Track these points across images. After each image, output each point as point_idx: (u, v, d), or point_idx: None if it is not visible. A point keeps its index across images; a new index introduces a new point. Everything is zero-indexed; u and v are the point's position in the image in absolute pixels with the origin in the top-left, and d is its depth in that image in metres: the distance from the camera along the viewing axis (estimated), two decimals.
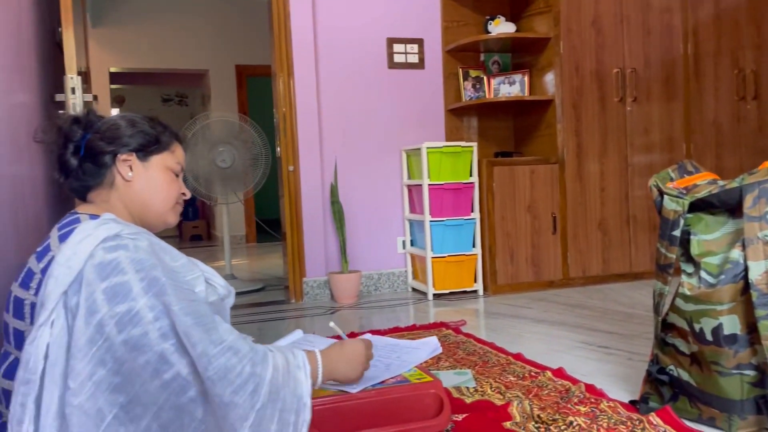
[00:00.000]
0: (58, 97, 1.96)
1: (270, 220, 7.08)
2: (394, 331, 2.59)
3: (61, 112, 1.95)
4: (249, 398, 1.00)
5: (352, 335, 1.51)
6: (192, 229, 8.15)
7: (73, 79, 1.91)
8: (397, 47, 3.69)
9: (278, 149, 3.56)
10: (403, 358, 1.38)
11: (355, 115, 3.62)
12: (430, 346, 1.38)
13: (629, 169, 3.63)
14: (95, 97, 2.10)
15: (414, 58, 3.72)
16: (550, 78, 3.54)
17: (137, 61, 7.00)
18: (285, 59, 3.44)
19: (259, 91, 8.72)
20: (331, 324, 1.44)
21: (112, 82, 7.14)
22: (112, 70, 6.98)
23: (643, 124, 3.65)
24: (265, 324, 2.96)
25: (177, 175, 1.31)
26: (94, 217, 1.13)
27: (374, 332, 2.50)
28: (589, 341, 2.36)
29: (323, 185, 3.54)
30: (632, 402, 1.67)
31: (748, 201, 1.49)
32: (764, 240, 1.45)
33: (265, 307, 3.40)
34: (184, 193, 1.33)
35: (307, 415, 1.07)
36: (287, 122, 3.47)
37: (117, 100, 8.54)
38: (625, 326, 2.57)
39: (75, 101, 1.90)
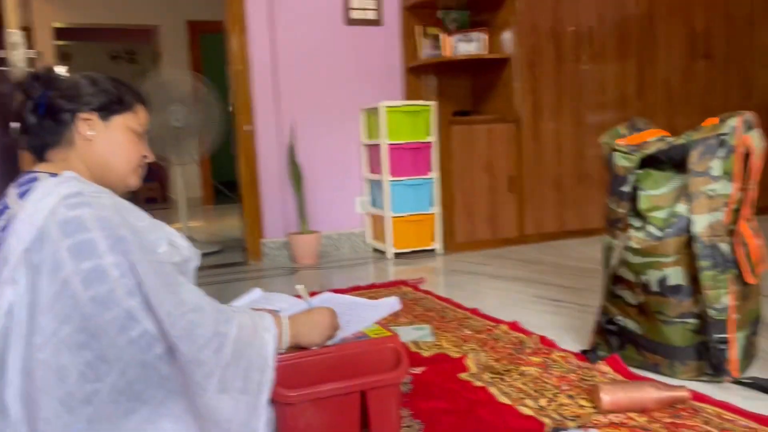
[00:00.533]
0: None
1: (228, 183, 6.98)
2: (354, 290, 2.62)
3: (1, 69, 1.87)
4: (213, 356, 1.02)
5: (312, 294, 1.52)
6: (147, 191, 7.98)
7: (14, 35, 1.83)
8: (355, 2, 3.62)
9: (231, 108, 3.50)
10: (362, 315, 1.40)
11: (313, 73, 3.56)
12: (388, 303, 1.41)
13: (583, 128, 3.69)
14: (39, 54, 2.01)
15: (372, 15, 3.67)
16: (507, 36, 3.54)
17: (83, 16, 6.71)
18: (238, 15, 3.35)
19: (214, 49, 8.47)
20: (298, 287, 1.45)
21: (57, 38, 6.83)
22: (57, 25, 6.67)
23: (597, 83, 3.70)
24: (224, 286, 2.95)
25: (140, 137, 1.29)
26: (53, 175, 1.10)
27: (334, 291, 2.52)
28: (543, 295, 2.44)
29: (280, 145, 3.51)
30: (583, 351, 1.74)
31: (693, 157, 1.54)
32: (708, 194, 1.51)
33: (223, 269, 3.38)
34: (146, 156, 1.31)
35: (270, 374, 1.10)
36: (241, 81, 3.39)
37: (62, 58, 8.18)
38: (577, 280, 2.66)
39: (17, 58, 1.82)
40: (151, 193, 8.01)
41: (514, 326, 1.98)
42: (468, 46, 3.63)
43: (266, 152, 3.47)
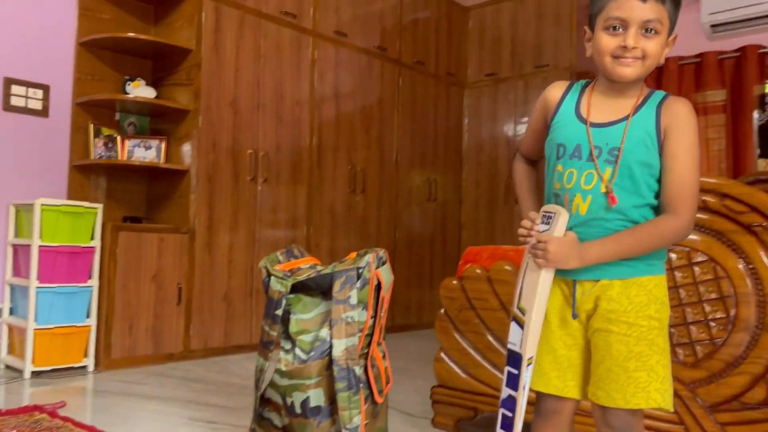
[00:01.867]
0: None
1: None
2: None
3: None
4: None
5: None
6: None
7: None
8: (17, 89, 3.29)
9: None
10: None
11: None
12: None
13: (256, 244, 3.84)
14: None
15: (37, 104, 3.36)
16: (187, 148, 3.57)
17: None
18: None
19: None
20: None
21: None
22: None
23: (271, 203, 3.92)
24: None
25: None
26: None
27: None
28: (198, 417, 2.35)
29: None
30: None
31: (336, 286, 1.71)
32: (347, 321, 1.68)
33: None
34: None
35: None
36: None
37: None
38: (237, 399, 2.64)
39: None
40: None
41: None
42: (146, 152, 3.55)
43: None
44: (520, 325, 1.24)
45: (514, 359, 1.25)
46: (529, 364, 1.22)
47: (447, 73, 5.20)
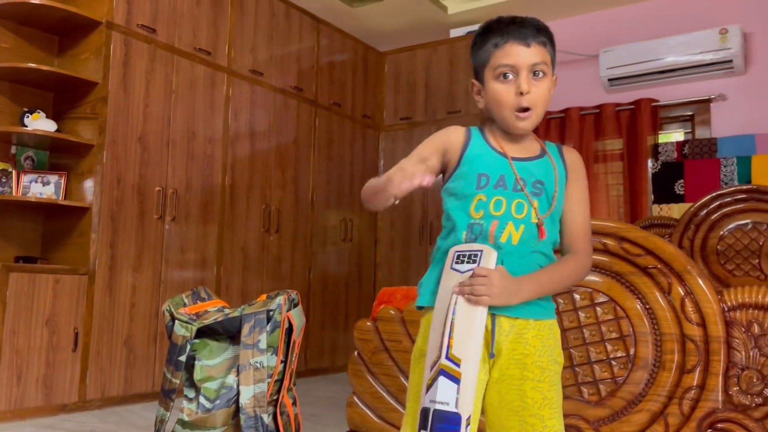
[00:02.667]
0: None
1: None
2: None
3: None
4: None
5: None
6: None
7: None
8: None
9: None
10: None
11: None
12: None
13: (162, 286, 3.67)
14: None
15: None
16: (89, 184, 3.39)
17: None
18: None
19: None
20: None
21: None
22: None
23: (179, 243, 3.78)
24: None
25: None
26: None
27: None
28: None
29: None
30: None
31: (245, 329, 1.65)
32: (255, 366, 1.61)
33: None
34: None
35: None
36: None
37: None
38: None
39: None
40: None
41: None
42: (43, 188, 3.35)
43: None
44: (454, 379, 1.07)
45: (447, 422, 1.06)
46: (468, 425, 1.07)
47: (363, 116, 5.27)
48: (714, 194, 3.22)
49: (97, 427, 2.88)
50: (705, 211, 3.21)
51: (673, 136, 4.73)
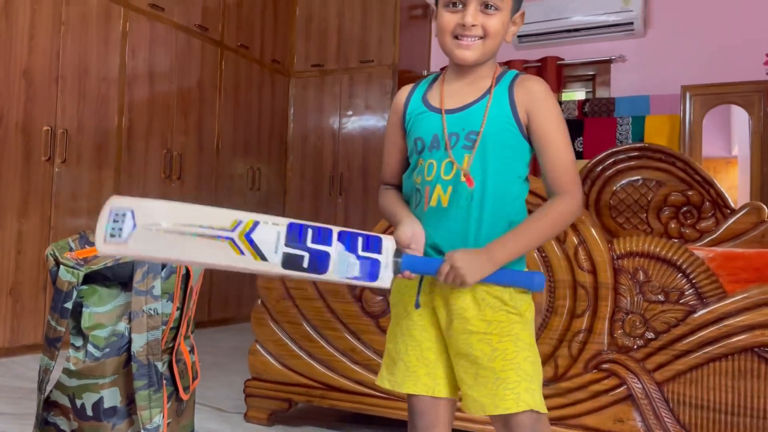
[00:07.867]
0: None
1: None
2: None
3: None
4: None
5: None
6: None
7: None
8: None
9: None
10: None
11: None
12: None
13: (52, 232, 3.44)
14: None
15: None
16: None
17: None
18: None
19: None
20: None
21: None
22: None
23: (71, 188, 3.54)
24: None
25: None
26: None
27: None
28: None
29: None
30: None
31: (138, 275, 1.56)
32: (148, 313, 1.54)
33: None
34: None
35: None
36: None
37: None
38: (24, 405, 2.34)
39: None
40: None
41: None
42: None
43: None
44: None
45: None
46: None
47: (272, 60, 5.08)
48: (609, 151, 3.36)
49: None
50: (600, 167, 3.35)
51: (576, 95, 4.89)
